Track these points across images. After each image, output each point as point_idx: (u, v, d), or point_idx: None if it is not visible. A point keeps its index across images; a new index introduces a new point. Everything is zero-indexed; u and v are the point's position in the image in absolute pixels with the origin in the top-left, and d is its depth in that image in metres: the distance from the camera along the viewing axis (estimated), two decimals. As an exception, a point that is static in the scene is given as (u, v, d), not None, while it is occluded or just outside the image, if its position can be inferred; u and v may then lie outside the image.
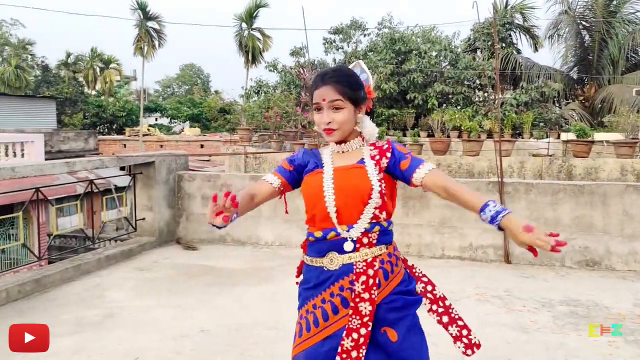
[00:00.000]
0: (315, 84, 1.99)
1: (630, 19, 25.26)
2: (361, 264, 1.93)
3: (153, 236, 6.89)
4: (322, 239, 1.97)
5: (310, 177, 2.04)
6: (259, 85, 23.92)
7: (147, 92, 60.10)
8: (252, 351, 3.68)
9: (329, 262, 1.96)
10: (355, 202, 1.94)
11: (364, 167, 1.98)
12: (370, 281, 1.90)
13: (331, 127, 1.96)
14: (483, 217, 1.78)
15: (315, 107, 1.99)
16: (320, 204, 1.97)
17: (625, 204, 5.88)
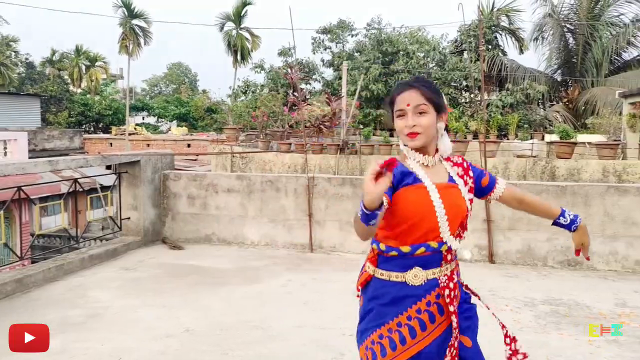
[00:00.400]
0: (399, 90, 1.99)
1: (614, 22, 25.60)
2: (444, 279, 1.97)
3: (138, 236, 6.85)
4: (410, 254, 1.95)
5: (412, 191, 1.93)
6: (247, 85, 23.88)
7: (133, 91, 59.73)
8: (237, 351, 3.68)
9: (412, 277, 1.95)
10: (456, 220, 1.98)
11: (457, 186, 2.01)
12: (452, 294, 1.96)
13: (416, 130, 1.94)
14: (562, 221, 2.18)
15: (398, 113, 1.97)
16: (430, 218, 1.92)
17: (606, 205, 5.96)
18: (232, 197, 7.10)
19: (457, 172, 2.05)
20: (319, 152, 10.76)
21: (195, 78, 73.51)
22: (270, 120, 13.03)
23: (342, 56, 23.50)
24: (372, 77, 21.35)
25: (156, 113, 50.97)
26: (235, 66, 39.40)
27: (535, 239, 6.16)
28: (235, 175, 7.38)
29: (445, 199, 1.95)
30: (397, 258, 1.96)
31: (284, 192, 6.92)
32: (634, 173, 8.89)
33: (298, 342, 3.86)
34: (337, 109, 11.55)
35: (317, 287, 5.22)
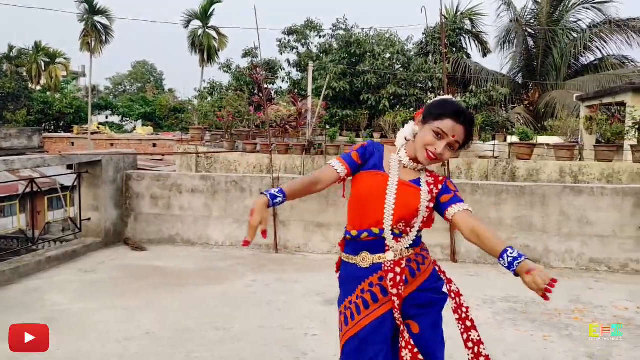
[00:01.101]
0: (454, 115, 2.05)
1: (572, 27, 26.33)
2: (390, 264, 2.10)
3: (99, 237, 6.73)
4: (357, 237, 2.14)
5: (372, 176, 2.14)
6: (212, 86, 23.65)
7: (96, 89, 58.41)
8: (198, 352, 3.66)
9: (361, 260, 2.14)
10: (401, 214, 2.09)
11: (419, 189, 2.13)
12: (398, 278, 2.08)
13: (438, 157, 2.06)
14: (501, 262, 1.90)
15: (437, 130, 2.05)
16: (378, 203, 2.09)
17: (562, 205, 6.14)
18: (197, 197, 7.04)
19: (426, 180, 2.17)
20: (284, 152, 10.74)
21: (161, 77, 72.36)
22: (236, 120, 12.95)
23: (309, 56, 23.51)
24: (333, 74, 21.40)
25: (120, 112, 49.97)
26: (202, 65, 39.00)
27: (495, 238, 6.29)
28: (199, 176, 7.32)
29: (400, 194, 2.10)
30: (351, 242, 2.17)
31: (248, 192, 6.89)
32: (589, 174, 9.17)
33: (261, 343, 3.86)
34: (303, 109, 11.57)
35: (282, 288, 5.22)
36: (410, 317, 2.10)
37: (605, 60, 25.75)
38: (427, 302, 2.13)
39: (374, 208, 2.10)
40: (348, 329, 2.12)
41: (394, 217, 2.08)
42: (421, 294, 2.13)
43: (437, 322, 2.17)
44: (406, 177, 2.15)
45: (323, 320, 4.32)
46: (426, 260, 2.19)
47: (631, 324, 4.32)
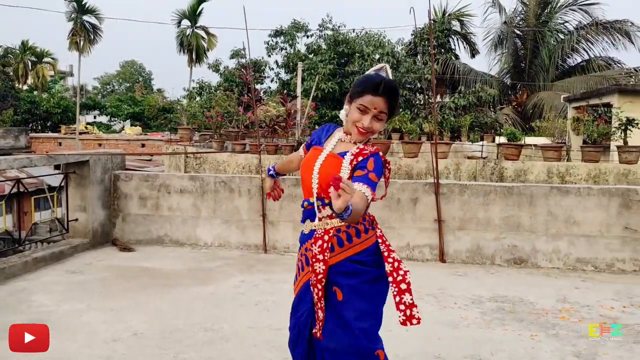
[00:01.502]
0: (372, 90, 2.19)
1: (560, 29, 26.58)
2: (321, 231, 2.28)
3: (87, 238, 6.68)
4: (302, 206, 2.38)
5: (311, 151, 2.40)
6: (201, 86, 23.56)
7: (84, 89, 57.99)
8: (187, 354, 3.64)
9: (305, 227, 2.37)
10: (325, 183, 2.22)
11: (342, 159, 2.26)
12: (325, 245, 2.24)
13: (367, 130, 2.24)
14: None
15: (361, 107, 2.21)
16: (308, 176, 2.30)
17: (550, 205, 6.19)
18: (185, 197, 7.01)
19: (352, 152, 2.26)
20: (273, 152, 10.71)
21: (149, 77, 72.00)
22: (225, 121, 12.90)
23: (298, 56, 23.50)
24: (322, 75, 21.41)
25: (109, 112, 49.61)
26: (191, 65, 38.85)
27: (484, 238, 6.34)
28: (188, 176, 7.29)
29: (325, 164, 2.27)
30: (303, 211, 2.40)
31: (237, 193, 6.88)
32: (576, 174, 9.24)
33: (250, 343, 3.85)
34: (292, 109, 11.55)
35: (271, 288, 5.21)
36: (336, 285, 2.24)
37: (592, 62, 26.05)
38: (351, 271, 2.24)
39: (307, 179, 2.31)
40: (294, 288, 2.46)
41: (318, 186, 2.25)
42: (347, 263, 2.24)
43: (361, 292, 2.24)
44: (338, 150, 2.32)
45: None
46: (363, 234, 2.27)
47: (617, 323, 4.36)
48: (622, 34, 24.90)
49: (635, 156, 9.44)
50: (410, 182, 6.70)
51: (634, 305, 4.82)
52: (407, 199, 6.50)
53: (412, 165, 10.29)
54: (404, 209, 6.50)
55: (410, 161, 10.34)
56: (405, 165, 10.32)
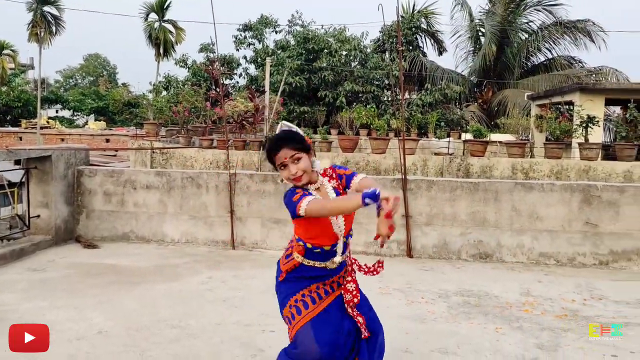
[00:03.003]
0: (274, 150, 2.55)
1: (524, 29, 27.12)
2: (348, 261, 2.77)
3: (49, 234, 6.51)
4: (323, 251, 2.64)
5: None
6: (168, 81, 23.17)
7: (46, 82, 56.50)
8: (153, 351, 3.59)
9: (329, 263, 2.66)
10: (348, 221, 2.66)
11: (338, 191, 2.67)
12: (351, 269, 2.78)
13: (299, 175, 2.54)
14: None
15: (280, 166, 2.56)
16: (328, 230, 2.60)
17: (514, 201, 6.32)
18: (151, 193, 6.91)
19: (332, 185, 2.66)
20: (241, 148, 10.64)
21: (114, 71, 70.54)
22: (193, 116, 12.73)
23: (266, 52, 23.36)
24: (290, 69, 21.35)
25: (72, 106, 48.46)
26: (158, 60, 38.23)
27: (450, 233, 6.43)
28: (154, 172, 7.18)
29: None
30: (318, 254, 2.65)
31: (205, 189, 6.81)
32: (539, 170, 9.47)
33: (217, 340, 3.82)
34: (260, 105, 11.48)
35: (239, 284, 5.18)
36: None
37: (555, 61, 26.66)
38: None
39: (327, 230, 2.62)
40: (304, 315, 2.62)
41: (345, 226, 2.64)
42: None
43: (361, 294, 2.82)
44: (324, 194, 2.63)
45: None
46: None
47: (577, 315, 4.49)
48: (583, 34, 25.55)
49: (595, 153, 9.73)
50: (378, 178, 6.75)
51: (594, 298, 4.97)
52: (375, 194, 6.52)
53: (379, 161, 10.37)
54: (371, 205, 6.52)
55: (378, 157, 10.42)
56: (373, 162, 10.40)
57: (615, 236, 6.17)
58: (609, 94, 14.38)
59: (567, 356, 3.65)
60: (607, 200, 6.18)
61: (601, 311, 4.60)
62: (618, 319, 4.41)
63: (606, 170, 9.56)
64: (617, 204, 6.17)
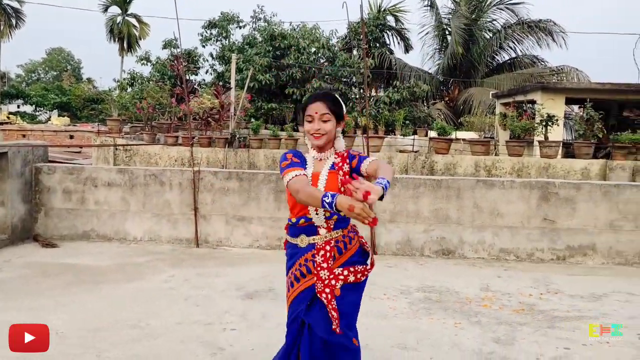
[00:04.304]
0: (310, 100, 2.60)
1: (489, 27, 27.57)
2: (321, 243, 2.57)
3: (5, 233, 6.34)
4: (296, 224, 2.60)
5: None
6: (133, 77, 22.75)
7: (6, 76, 54.86)
8: (111, 352, 3.54)
9: (300, 241, 2.60)
10: None
11: (333, 172, 2.59)
12: (327, 255, 2.56)
13: (320, 132, 2.57)
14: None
15: (308, 119, 2.59)
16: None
17: (476, 198, 6.44)
18: (113, 191, 6.79)
19: (335, 162, 2.62)
20: (207, 145, 10.54)
21: (78, 65, 68.98)
22: (157, 113, 12.54)
23: (232, 49, 23.15)
24: (258, 67, 21.22)
25: (34, 101, 47.15)
26: (122, 54, 37.55)
27: (414, 230, 6.51)
28: (116, 169, 7.06)
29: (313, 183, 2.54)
30: (291, 227, 2.65)
31: (168, 186, 6.73)
32: (501, 168, 9.67)
33: (178, 339, 3.79)
34: (226, 101, 11.39)
35: (202, 282, 5.14)
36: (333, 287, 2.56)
37: (518, 60, 27.18)
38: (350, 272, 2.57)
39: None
40: (290, 293, 2.64)
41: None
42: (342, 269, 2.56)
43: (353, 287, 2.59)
44: (319, 168, 2.62)
45: (243, 314, 4.30)
46: (353, 240, 2.63)
47: (534, 309, 4.60)
48: (545, 33, 26.10)
49: (555, 151, 9.98)
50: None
51: (550, 292, 5.11)
52: (339, 192, 6.56)
53: (346, 158, 10.42)
54: (336, 202, 6.55)
55: (345, 154, 10.47)
56: (339, 159, 10.44)
57: (572, 232, 6.34)
58: (569, 94, 14.75)
59: (523, 349, 3.74)
60: (564, 197, 6.35)
61: (557, 305, 4.73)
62: (572, 312, 4.55)
63: (565, 168, 9.82)
64: (574, 200, 6.34)
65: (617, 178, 9.60)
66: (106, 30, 38.16)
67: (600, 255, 6.33)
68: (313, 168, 2.62)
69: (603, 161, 10.07)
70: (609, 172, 9.85)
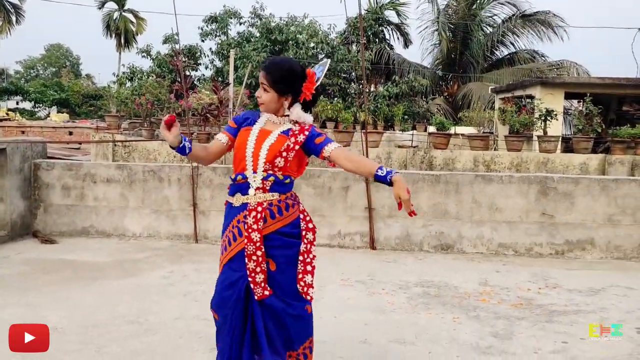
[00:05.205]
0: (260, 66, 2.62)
1: (489, 22, 27.53)
2: (254, 204, 2.51)
3: (4, 230, 6.35)
4: (234, 180, 2.57)
5: (242, 131, 2.62)
6: (132, 71, 22.70)
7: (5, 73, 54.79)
8: (109, 347, 3.54)
9: (235, 200, 2.55)
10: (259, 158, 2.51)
11: (284, 136, 2.54)
12: (258, 216, 2.49)
13: (260, 101, 2.58)
14: (380, 173, 2.39)
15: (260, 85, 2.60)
16: (244, 151, 2.52)
17: (474, 192, 6.44)
18: (112, 187, 6.79)
19: (292, 129, 2.58)
20: (205, 141, 10.52)
21: (77, 61, 68.85)
22: (156, 108, 12.52)
23: (230, 44, 23.08)
24: (256, 62, 21.20)
25: (33, 98, 47.08)
26: (120, 50, 37.48)
27: (413, 225, 6.51)
28: (115, 165, 7.06)
29: (259, 141, 2.53)
30: (231, 185, 2.61)
31: (167, 182, 6.73)
32: (500, 163, 9.67)
33: (176, 335, 3.79)
34: (225, 97, 11.38)
35: (200, 278, 5.14)
36: (270, 257, 2.52)
37: (518, 54, 27.14)
38: (282, 244, 2.54)
39: (242, 155, 2.54)
40: (224, 257, 2.60)
41: (253, 159, 2.51)
42: (278, 237, 2.53)
43: (290, 261, 2.56)
44: (271, 127, 2.60)
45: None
46: (291, 209, 2.58)
47: (532, 304, 4.61)
48: (545, 26, 26.06)
49: (554, 145, 9.98)
50: (341, 171, 6.77)
51: (548, 287, 5.11)
52: (338, 187, 6.57)
53: (345, 154, 10.42)
54: (335, 198, 6.57)
55: (344, 150, 10.46)
56: (338, 154, 10.43)
57: (570, 226, 6.35)
58: (568, 88, 14.74)
59: (521, 344, 3.75)
60: (563, 192, 6.35)
61: (555, 299, 4.74)
62: (570, 306, 4.56)
63: (564, 163, 9.82)
64: (572, 195, 6.35)
65: (616, 172, 9.60)
66: (103, 26, 38.08)
67: (599, 250, 6.34)
68: (264, 125, 2.62)
69: (602, 156, 10.07)
70: (608, 166, 9.85)
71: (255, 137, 2.55)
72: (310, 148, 2.56)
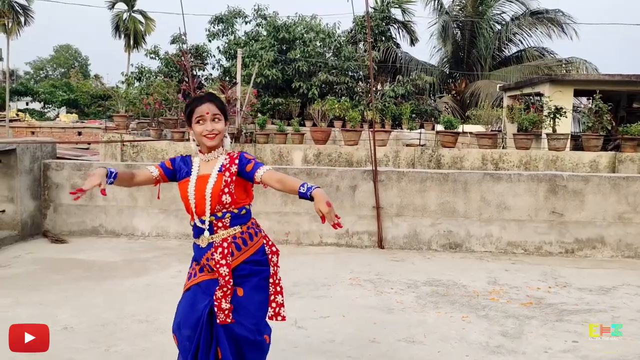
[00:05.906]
0: (197, 102, 2.62)
1: (497, 20, 27.37)
2: (219, 241, 2.60)
3: (15, 230, 6.39)
4: (194, 225, 2.67)
5: (182, 184, 2.68)
6: (140, 71, 22.77)
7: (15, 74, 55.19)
8: (119, 346, 3.56)
9: (200, 241, 2.65)
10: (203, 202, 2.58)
11: (220, 174, 2.59)
12: (225, 251, 2.59)
13: (214, 132, 2.59)
14: (302, 190, 2.38)
15: (198, 120, 2.60)
16: (199, 200, 2.59)
17: (483, 191, 6.41)
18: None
19: (223, 163, 2.62)
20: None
21: (86, 62, 69.27)
22: (164, 108, 12.56)
23: (238, 43, 23.11)
24: (265, 62, 21.20)
25: (42, 98, 47.43)
26: (128, 51, 37.63)
27: (421, 224, 6.49)
28: (124, 164, 7.09)
29: (199, 189, 2.59)
30: (193, 228, 2.70)
31: (174, 184, 6.73)
32: (509, 161, 9.61)
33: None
34: (232, 97, 11.39)
35: (208, 278, 5.15)
36: (237, 285, 2.60)
37: (526, 52, 26.96)
38: (249, 273, 2.63)
39: (190, 207, 2.63)
40: (190, 282, 2.69)
41: (196, 205, 2.59)
42: (247, 266, 2.62)
43: (259, 287, 2.65)
44: (207, 170, 2.63)
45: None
46: (254, 237, 2.67)
47: (542, 302, 4.58)
48: (554, 24, 25.89)
49: (563, 143, 9.90)
50: (349, 170, 6.77)
51: (558, 286, 5.08)
52: (346, 186, 6.56)
53: (352, 153, 10.40)
54: (343, 196, 6.56)
55: (351, 149, 10.44)
56: (345, 153, 10.42)
57: (580, 225, 6.30)
58: (577, 85, 14.61)
59: (530, 343, 3.73)
60: (573, 190, 6.31)
61: (565, 298, 4.70)
62: (581, 305, 4.53)
63: (573, 161, 9.74)
64: (582, 193, 6.30)
65: (627, 170, 9.51)
66: (112, 27, 38.25)
67: (609, 248, 6.29)
68: (199, 171, 2.64)
69: (612, 153, 9.98)
70: (618, 164, 9.76)
71: (194, 187, 2.60)
72: (243, 176, 2.60)
